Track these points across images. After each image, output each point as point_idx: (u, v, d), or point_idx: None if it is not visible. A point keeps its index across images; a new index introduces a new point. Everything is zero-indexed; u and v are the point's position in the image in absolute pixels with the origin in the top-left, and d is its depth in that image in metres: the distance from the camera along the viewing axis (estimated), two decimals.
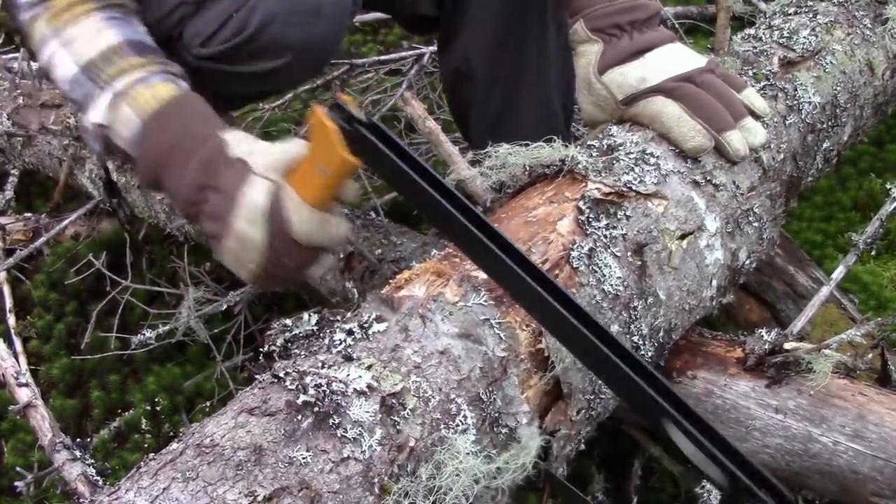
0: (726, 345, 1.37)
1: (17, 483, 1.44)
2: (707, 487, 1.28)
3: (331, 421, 0.94)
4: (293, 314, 1.73)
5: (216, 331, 1.93)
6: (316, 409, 0.94)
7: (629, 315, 1.20)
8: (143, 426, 1.85)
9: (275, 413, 0.95)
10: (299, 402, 0.94)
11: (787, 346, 1.30)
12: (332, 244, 1.18)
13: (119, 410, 1.89)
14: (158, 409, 1.86)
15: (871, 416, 1.25)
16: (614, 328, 1.18)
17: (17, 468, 1.51)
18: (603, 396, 1.19)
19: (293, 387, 0.96)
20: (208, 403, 1.86)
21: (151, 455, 0.96)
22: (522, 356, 1.10)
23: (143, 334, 1.82)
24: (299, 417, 0.94)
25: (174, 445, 0.95)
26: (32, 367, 1.97)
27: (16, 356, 1.97)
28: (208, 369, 1.91)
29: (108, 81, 1.22)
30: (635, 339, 1.21)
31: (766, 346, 1.30)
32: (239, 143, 1.18)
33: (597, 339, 1.00)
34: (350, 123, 1.07)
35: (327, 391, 0.95)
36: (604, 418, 1.25)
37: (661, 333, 1.26)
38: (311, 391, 0.95)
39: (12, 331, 2.01)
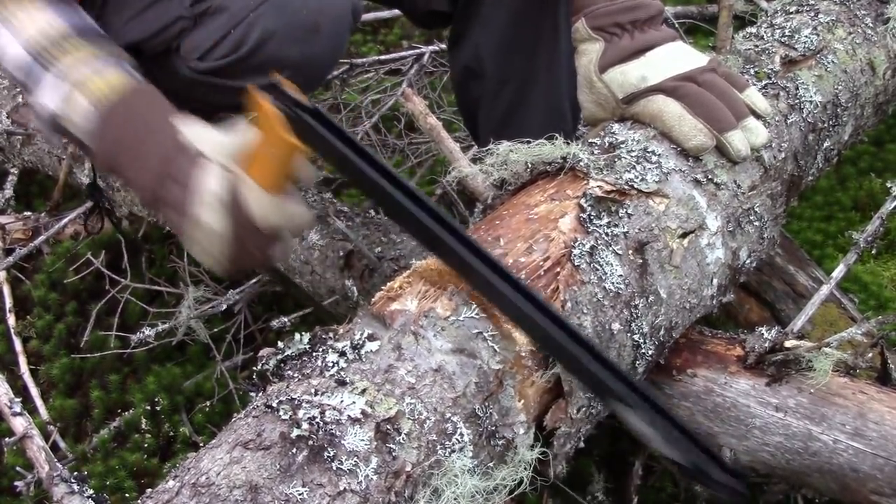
0: (726, 343, 1.37)
1: (17, 483, 1.44)
2: None
3: (325, 454, 0.93)
4: (292, 314, 1.75)
5: (216, 330, 1.93)
6: (310, 442, 0.93)
7: (630, 313, 1.19)
8: (143, 426, 1.84)
9: (269, 447, 0.94)
10: (293, 436, 0.94)
11: (787, 344, 1.30)
12: (292, 227, 1.19)
13: (119, 410, 1.89)
14: (158, 408, 1.86)
15: (872, 415, 1.24)
16: (615, 326, 1.18)
17: (17, 468, 1.50)
18: None
19: (287, 417, 0.95)
20: (208, 403, 1.86)
21: (148, 492, 0.95)
22: (523, 354, 1.10)
23: (143, 332, 1.82)
24: (294, 451, 0.93)
25: (170, 483, 0.94)
26: (32, 367, 1.97)
27: (15, 356, 1.97)
28: (208, 369, 1.91)
29: (60, 68, 1.21)
30: (636, 337, 1.21)
31: (767, 345, 1.30)
32: (193, 131, 1.19)
33: (553, 323, 1.03)
34: (292, 109, 1.09)
35: (321, 423, 0.95)
36: (604, 416, 1.25)
37: (661, 332, 1.26)
38: (305, 425, 0.94)
39: (12, 331, 2.01)
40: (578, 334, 1.05)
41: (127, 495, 1.71)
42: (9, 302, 2.07)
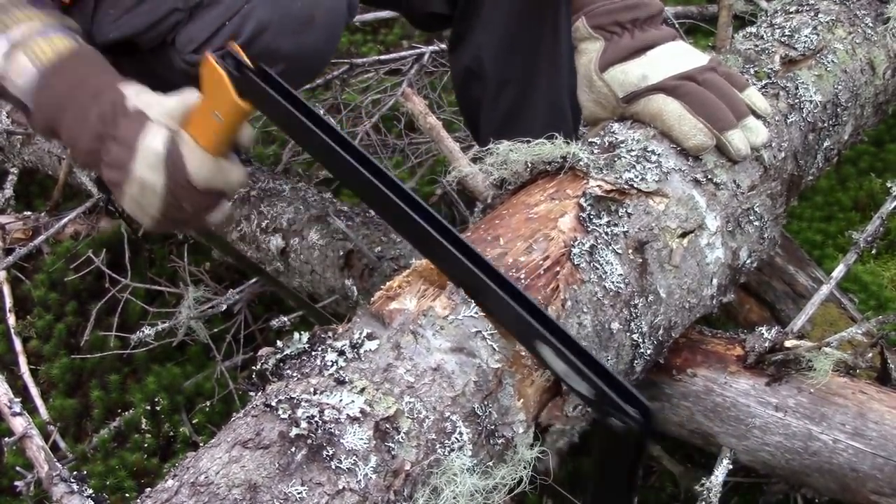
0: (726, 343, 1.37)
1: (17, 483, 1.44)
2: (707, 485, 1.29)
3: (324, 452, 0.93)
4: (292, 314, 1.75)
5: (216, 330, 1.93)
6: (309, 441, 0.93)
7: (630, 312, 1.19)
8: (143, 426, 1.85)
9: (268, 446, 0.94)
10: (292, 435, 0.93)
11: (787, 343, 1.30)
12: (228, 189, 1.24)
13: (119, 410, 1.89)
14: (158, 408, 1.86)
15: (871, 414, 1.25)
16: (615, 325, 1.17)
17: (17, 468, 1.50)
18: None
19: (285, 416, 0.95)
20: (208, 403, 1.86)
21: (147, 491, 0.95)
22: (522, 352, 1.10)
23: (143, 332, 1.82)
24: (293, 450, 0.93)
25: (169, 482, 0.94)
26: (32, 367, 1.97)
27: (15, 356, 1.97)
28: (208, 369, 1.91)
29: (7, 33, 1.24)
30: (635, 336, 1.20)
31: (767, 344, 1.30)
32: (137, 94, 1.23)
33: (475, 266, 1.04)
34: (240, 70, 1.13)
35: (320, 421, 0.94)
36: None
37: (661, 331, 1.26)
38: (304, 424, 0.94)
39: (12, 330, 2.01)
40: (500, 274, 1.05)
41: (127, 495, 1.71)
42: (9, 302, 2.07)
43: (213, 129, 1.18)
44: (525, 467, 1.06)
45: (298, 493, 0.90)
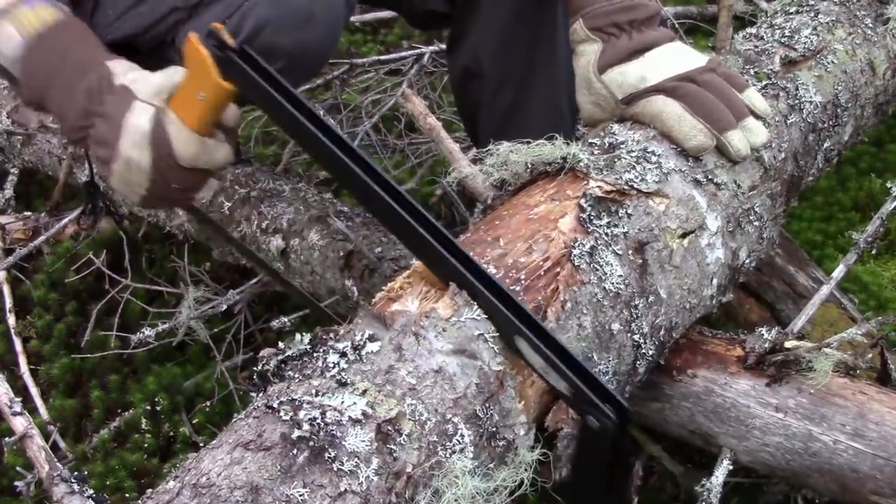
0: (726, 343, 1.37)
1: (17, 483, 1.44)
2: (707, 486, 1.29)
3: (326, 455, 0.93)
4: (293, 314, 1.75)
5: (216, 330, 1.93)
6: (311, 443, 0.93)
7: (630, 313, 1.19)
8: (143, 426, 1.85)
9: (270, 447, 0.94)
10: (294, 437, 0.94)
11: (787, 344, 1.30)
12: (214, 167, 1.25)
13: (119, 410, 1.89)
14: (158, 408, 1.86)
15: (872, 415, 1.25)
16: (615, 326, 1.18)
17: (17, 468, 1.51)
18: None
19: (287, 418, 0.95)
20: (208, 403, 1.86)
21: (149, 492, 0.95)
22: None
23: (143, 332, 1.82)
24: (295, 452, 0.93)
25: (170, 484, 0.94)
26: (32, 367, 1.97)
27: (16, 356, 1.97)
28: (208, 369, 1.92)
29: None
30: (636, 337, 1.21)
31: (767, 345, 1.30)
32: (124, 71, 1.23)
33: (461, 264, 1.06)
34: (222, 50, 1.14)
35: (321, 423, 0.95)
36: None
37: (661, 332, 1.26)
38: (306, 425, 0.94)
39: (12, 331, 2.01)
40: (481, 269, 1.07)
41: (127, 495, 1.71)
42: (9, 302, 2.07)
43: (198, 108, 1.19)
44: (526, 469, 1.06)
45: (300, 496, 0.90)
